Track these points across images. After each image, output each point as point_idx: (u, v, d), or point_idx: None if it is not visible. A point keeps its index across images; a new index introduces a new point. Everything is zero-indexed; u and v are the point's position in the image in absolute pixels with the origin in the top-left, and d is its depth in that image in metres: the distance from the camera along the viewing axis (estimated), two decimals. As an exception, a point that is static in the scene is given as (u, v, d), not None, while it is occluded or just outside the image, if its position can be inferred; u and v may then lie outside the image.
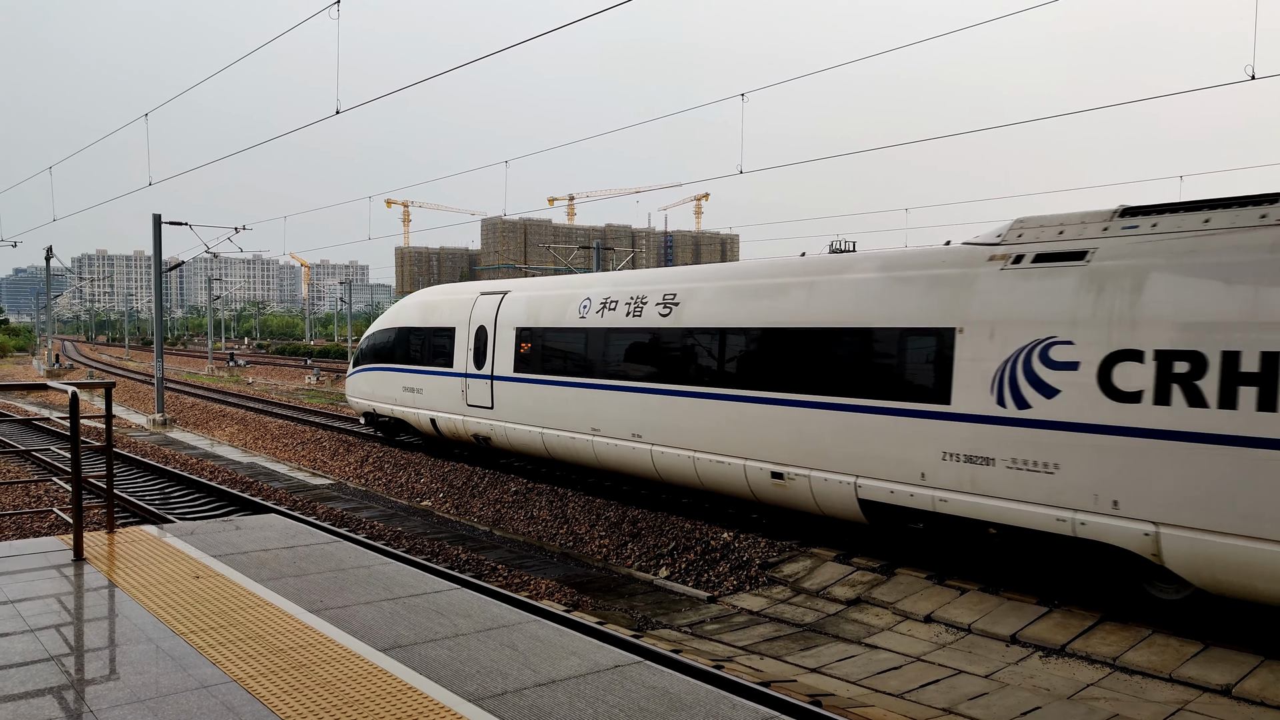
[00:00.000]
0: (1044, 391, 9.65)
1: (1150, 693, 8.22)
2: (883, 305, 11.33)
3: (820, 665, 9.22)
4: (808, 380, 11.99)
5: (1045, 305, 9.76)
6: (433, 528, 15.43)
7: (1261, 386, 8.13)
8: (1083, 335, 9.41)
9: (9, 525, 14.53)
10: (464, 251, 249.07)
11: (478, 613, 5.90)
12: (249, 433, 26.77)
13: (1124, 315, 9.15)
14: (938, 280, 10.87)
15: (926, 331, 10.77)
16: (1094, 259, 9.60)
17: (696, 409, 13.52)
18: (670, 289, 14.45)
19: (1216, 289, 8.58)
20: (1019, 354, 9.90)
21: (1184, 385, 8.64)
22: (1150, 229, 9.42)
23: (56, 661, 4.96)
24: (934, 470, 10.60)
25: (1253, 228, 8.68)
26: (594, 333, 15.44)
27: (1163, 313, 8.88)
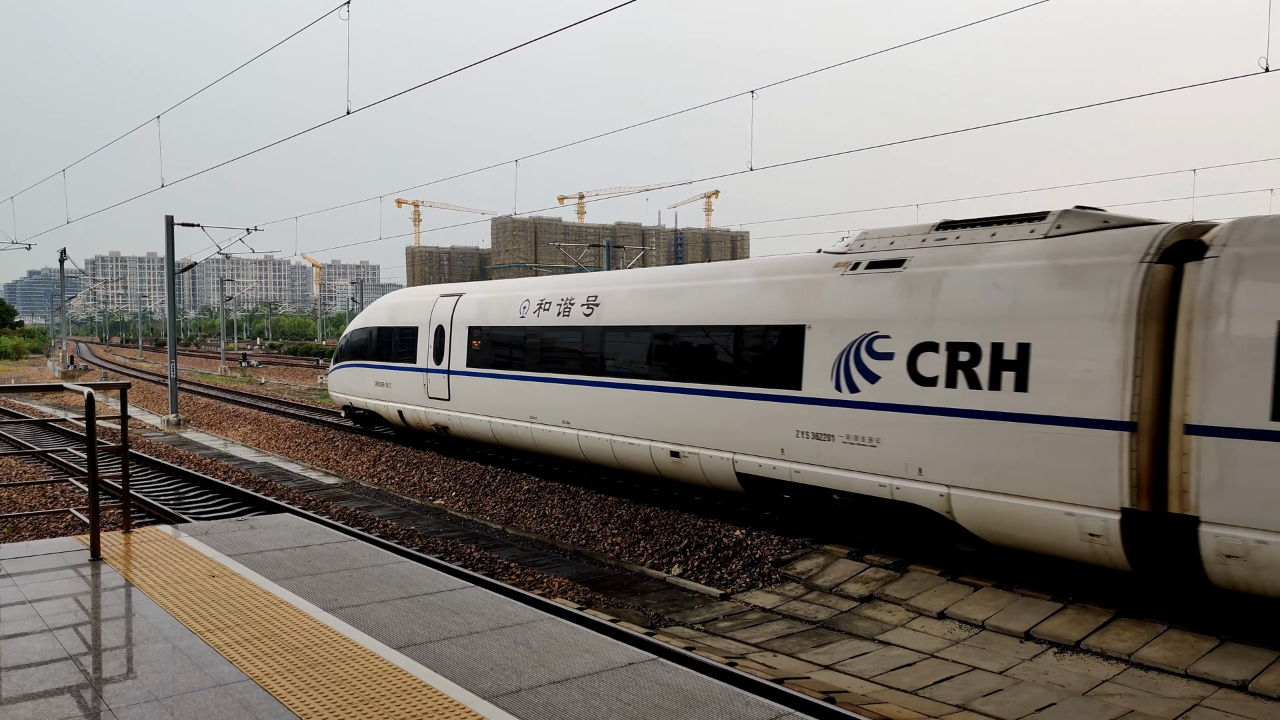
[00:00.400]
0: (869, 378, 11.45)
1: (1166, 688, 8.18)
2: (752, 306, 13.11)
3: (834, 662, 9.22)
4: (696, 371, 13.85)
5: (871, 305, 11.52)
6: (445, 526, 15.47)
7: (1018, 372, 9.95)
8: (897, 330, 11.17)
9: (26, 525, 14.64)
10: (474, 251, 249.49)
11: (491, 611, 5.92)
12: (262, 433, 26.89)
13: (925, 313, 10.89)
14: (794, 284, 12.64)
15: (783, 328, 12.57)
16: (909, 266, 11.30)
17: (612, 398, 15.31)
18: (593, 292, 16.30)
19: (988, 291, 10.36)
20: (852, 346, 11.69)
21: (965, 371, 10.46)
22: (954, 240, 11.19)
23: (74, 660, 5.00)
24: (790, 446, 12.41)
25: (1020, 240, 10.50)
26: (531, 331, 17.33)
27: (951, 311, 10.63)
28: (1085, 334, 9.45)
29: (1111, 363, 9.22)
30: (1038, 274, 10.00)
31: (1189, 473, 8.75)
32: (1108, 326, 9.30)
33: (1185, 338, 8.88)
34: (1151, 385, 9.10)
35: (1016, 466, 9.91)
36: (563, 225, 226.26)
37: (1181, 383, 8.86)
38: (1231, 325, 8.53)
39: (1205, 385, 8.66)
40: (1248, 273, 8.55)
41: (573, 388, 16.14)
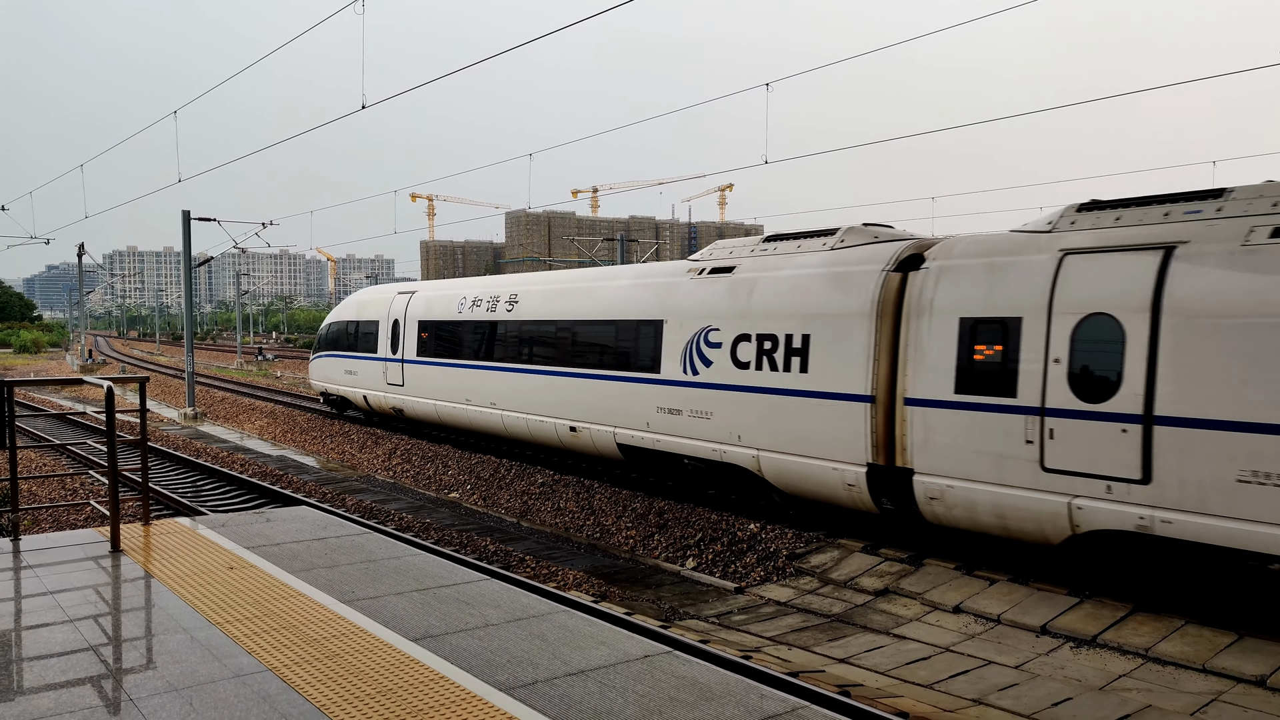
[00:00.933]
0: (705, 363, 13.87)
1: (1183, 683, 8.14)
2: (628, 304, 15.51)
3: (849, 656, 9.21)
4: (588, 359, 16.23)
5: (709, 304, 13.94)
6: (461, 519, 15.53)
7: (803, 357, 12.43)
8: (724, 324, 13.63)
9: (47, 517, 14.78)
10: (488, 245, 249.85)
11: (507, 603, 5.94)
12: (278, 426, 27.05)
13: (744, 310, 13.34)
14: (658, 285, 15.10)
15: (649, 322, 14.98)
16: (736, 272, 13.80)
17: (527, 382, 17.74)
18: (515, 291, 18.76)
19: (785, 292, 12.82)
20: (695, 337, 14.11)
21: (769, 357, 12.92)
22: (771, 251, 13.65)
23: (95, 651, 5.05)
24: (653, 420, 14.82)
25: (814, 252, 12.96)
26: (465, 324, 19.86)
27: (760, 309, 13.08)
28: (845, 327, 11.94)
29: (860, 349, 11.71)
30: (818, 279, 12.51)
31: (906, 435, 11.25)
32: (858, 321, 11.78)
33: (905, 330, 11.34)
34: (885, 367, 11.59)
35: (802, 432, 12.44)
36: (576, 219, 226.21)
37: (903, 365, 11.32)
38: (931, 321, 11.04)
39: (915, 366, 11.16)
40: (943, 280, 11.05)
41: (497, 374, 18.67)
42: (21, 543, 7.37)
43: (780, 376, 12.70)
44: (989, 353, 10.48)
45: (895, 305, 11.56)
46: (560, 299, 17.27)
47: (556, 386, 16.87)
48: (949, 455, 10.75)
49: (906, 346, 11.27)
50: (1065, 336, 9.80)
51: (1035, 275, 10.20)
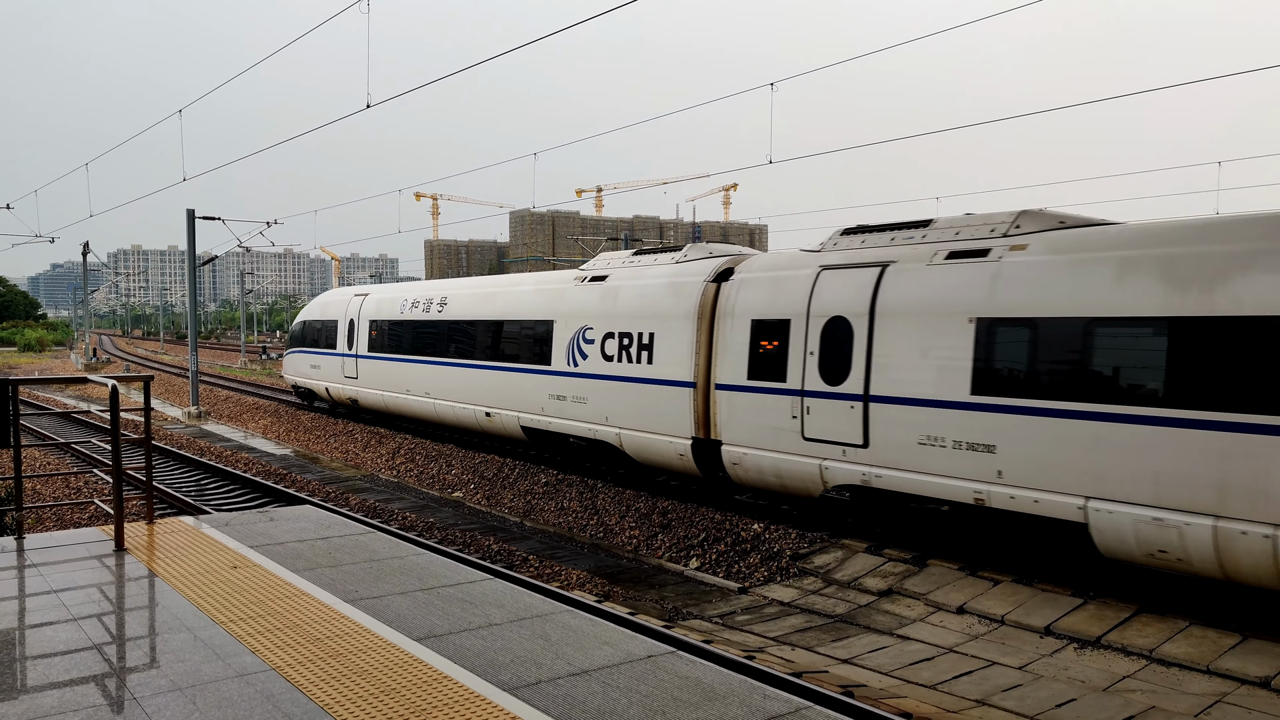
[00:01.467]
0: (583, 356, 16.33)
1: (1188, 684, 8.12)
2: (529, 306, 18.15)
3: (852, 656, 9.20)
4: (499, 353, 18.82)
5: (586, 306, 16.48)
6: (464, 519, 15.53)
7: (650, 351, 14.91)
8: (597, 324, 16.12)
9: (51, 516, 14.81)
10: (493, 244, 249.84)
11: (510, 603, 5.94)
12: (282, 425, 27.07)
13: (611, 312, 15.86)
14: (552, 290, 17.73)
15: (543, 322, 17.53)
16: (608, 280, 16.41)
17: (452, 374, 20.32)
18: (445, 294, 21.29)
19: (638, 297, 15.45)
20: (576, 334, 16.60)
21: (627, 351, 15.39)
22: (636, 263, 16.37)
23: (99, 650, 5.05)
24: (546, 405, 17.32)
25: (665, 264, 15.59)
26: (406, 323, 22.35)
27: (622, 311, 15.65)
28: (677, 327, 14.52)
29: (687, 345, 14.29)
30: (662, 288, 15.07)
31: (716, 413, 13.87)
32: (686, 322, 14.37)
33: (717, 329, 13.92)
34: (704, 359, 14.13)
35: (650, 413, 14.98)
36: (580, 218, 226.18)
37: (714, 357, 13.92)
38: (733, 321, 13.62)
39: (722, 358, 13.77)
40: (742, 289, 13.64)
41: (430, 367, 21.22)
42: (26, 541, 7.38)
43: (634, 368, 15.30)
44: (769, 347, 13.10)
45: (711, 309, 14.20)
46: (479, 301, 19.94)
47: (475, 377, 19.56)
48: (744, 429, 13.44)
49: (717, 342, 13.98)
50: (817, 334, 12.39)
51: (801, 286, 12.80)
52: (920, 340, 11.09)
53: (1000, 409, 10.31)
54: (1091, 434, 9.45)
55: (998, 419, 10.34)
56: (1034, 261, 10.29)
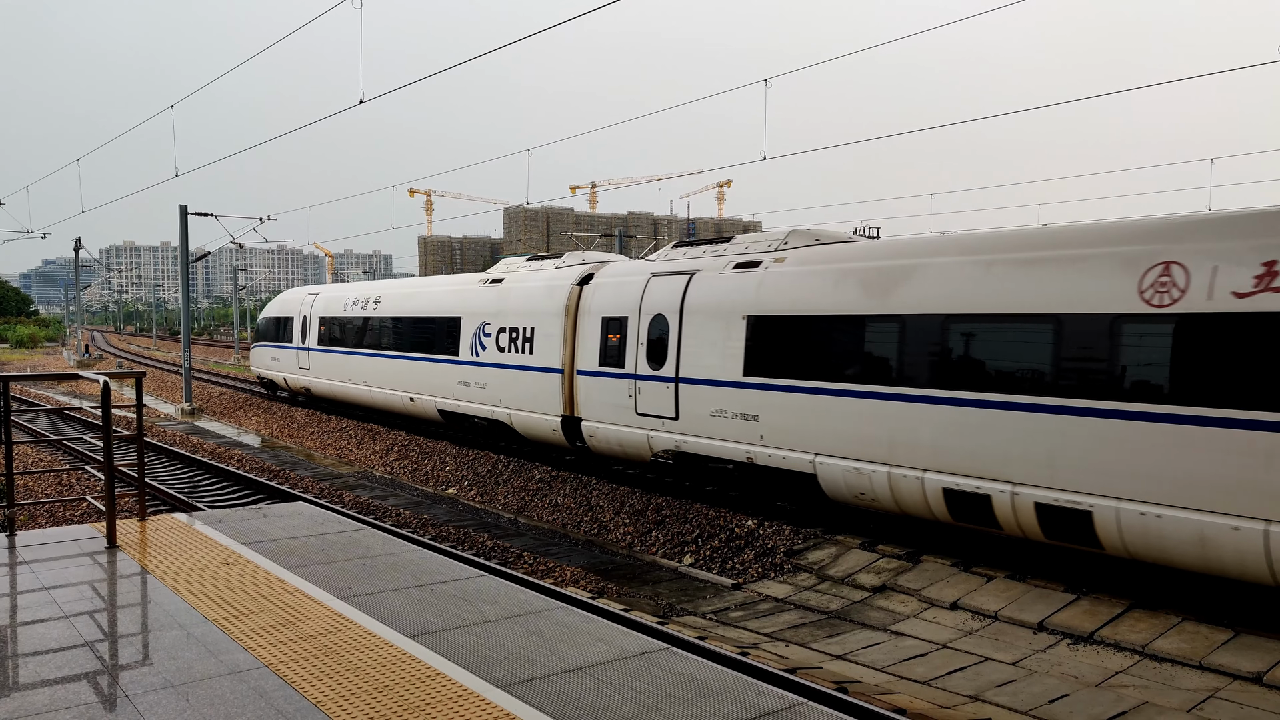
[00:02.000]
0: (483, 348, 19.21)
1: (1180, 680, 8.15)
2: (443, 304, 21.03)
3: (846, 652, 9.21)
4: (420, 346, 21.55)
5: (486, 304, 19.33)
6: (458, 515, 15.52)
7: (532, 343, 17.71)
8: (494, 320, 18.97)
9: (43, 513, 14.76)
10: (486, 240, 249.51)
11: (504, 599, 5.93)
12: (275, 421, 27.01)
13: (504, 310, 18.75)
14: (461, 291, 20.62)
15: (453, 318, 20.35)
16: (504, 282, 19.32)
17: (384, 364, 23.13)
18: (380, 293, 24.16)
19: (524, 298, 18.30)
20: (478, 329, 19.43)
21: (515, 343, 18.21)
22: (526, 268, 19.36)
23: (91, 647, 5.03)
24: (456, 391, 20.18)
25: (547, 270, 18.40)
26: (348, 319, 25.18)
27: (513, 309, 18.44)
28: (551, 323, 17.27)
29: (558, 338, 17.02)
30: (541, 290, 17.85)
31: (578, 395, 16.59)
32: (557, 319, 17.13)
33: (579, 325, 16.62)
34: (570, 350, 16.80)
35: (533, 395, 17.63)
36: (575, 215, 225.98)
37: (577, 348, 16.63)
38: (589, 318, 16.38)
39: (581, 348, 16.49)
40: (597, 291, 16.42)
41: (366, 358, 24.05)
42: (17, 538, 7.35)
43: (521, 357, 18.03)
44: (614, 339, 15.75)
45: (575, 308, 16.90)
46: (404, 300, 22.71)
47: (401, 367, 22.36)
48: (597, 407, 16.15)
49: (578, 335, 16.63)
50: (645, 328, 15.15)
51: (636, 289, 15.58)
52: (712, 333, 13.91)
53: (761, 387, 13.11)
54: (818, 405, 12.30)
55: (760, 394, 13.14)
56: (786, 271, 13.13)
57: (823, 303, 12.31)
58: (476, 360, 19.26)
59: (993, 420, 10.30)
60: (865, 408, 11.64)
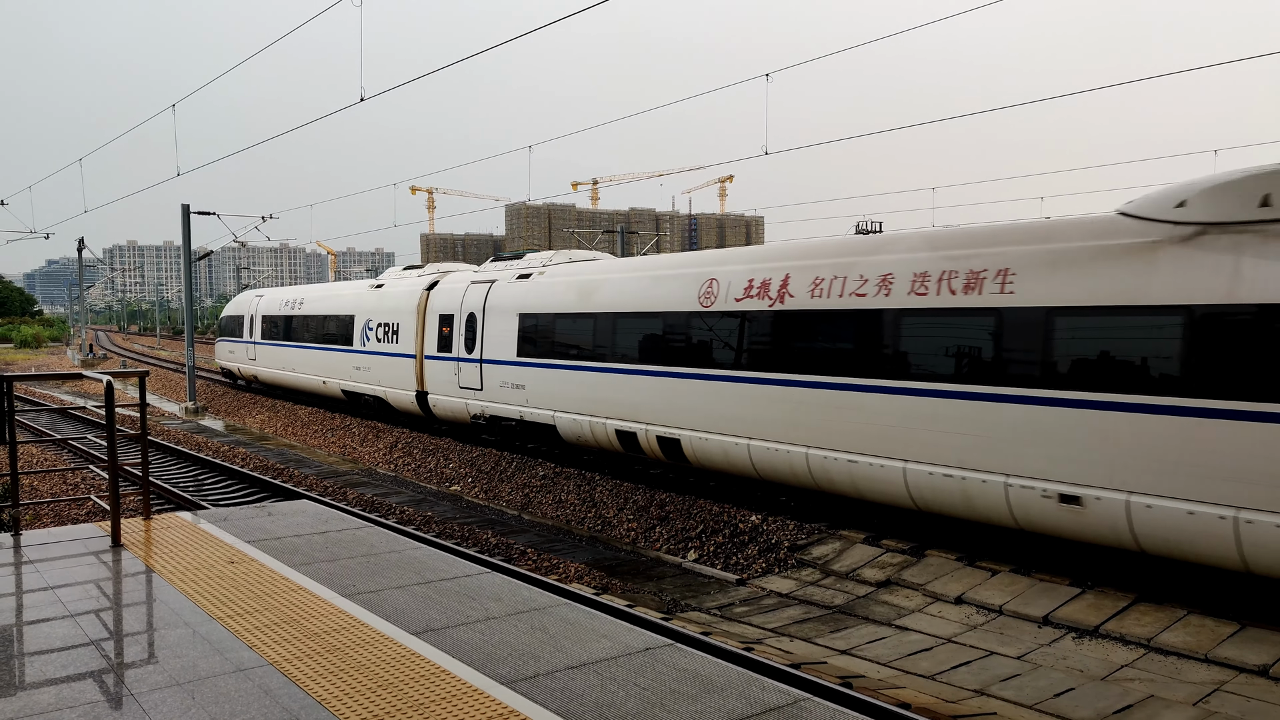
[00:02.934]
0: (368, 339, 23.91)
1: (1186, 673, 8.14)
2: (343, 304, 25.95)
3: (851, 647, 9.21)
4: (331, 339, 26.37)
5: (370, 305, 24.12)
6: (462, 512, 15.53)
7: (397, 335, 22.51)
8: (374, 317, 23.72)
9: (48, 512, 14.79)
10: (489, 237, 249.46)
11: (508, 596, 5.93)
12: (279, 420, 27.04)
13: (381, 309, 23.44)
14: (357, 295, 25.36)
15: (349, 316, 25.24)
16: (384, 287, 24.14)
17: (308, 354, 27.95)
18: (303, 296, 29.30)
19: (394, 299, 23.09)
20: (365, 324, 24.26)
21: (388, 335, 22.88)
22: (401, 276, 24.33)
23: (96, 646, 5.04)
24: (352, 375, 25.10)
25: (410, 277, 23.47)
26: (282, 317, 30.19)
27: (385, 308, 23.34)
28: (409, 319, 22.11)
29: (413, 331, 21.86)
30: (404, 293, 22.74)
31: (425, 374, 21.49)
32: (412, 316, 22.00)
33: (426, 321, 21.53)
34: (420, 340, 21.65)
35: (399, 375, 22.50)
36: (576, 211, 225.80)
37: (425, 339, 21.41)
38: (431, 316, 21.27)
39: (428, 339, 21.29)
40: (435, 295, 21.30)
41: (293, 349, 28.95)
42: (23, 538, 7.37)
43: (391, 346, 22.88)
44: (446, 331, 20.70)
45: (424, 308, 21.80)
46: (319, 301, 27.78)
47: (316, 356, 27.32)
48: (436, 383, 21.10)
49: (425, 329, 21.60)
50: (464, 323, 20.01)
51: (459, 294, 20.55)
52: (502, 325, 18.77)
53: (527, 365, 17.97)
54: (557, 377, 17.15)
55: (526, 370, 18.00)
56: (543, 282, 18.13)
57: (556, 304, 17.40)
58: (364, 350, 24.37)
59: (637, 383, 15.28)
60: (580, 377, 16.55)
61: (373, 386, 23.74)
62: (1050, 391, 9.84)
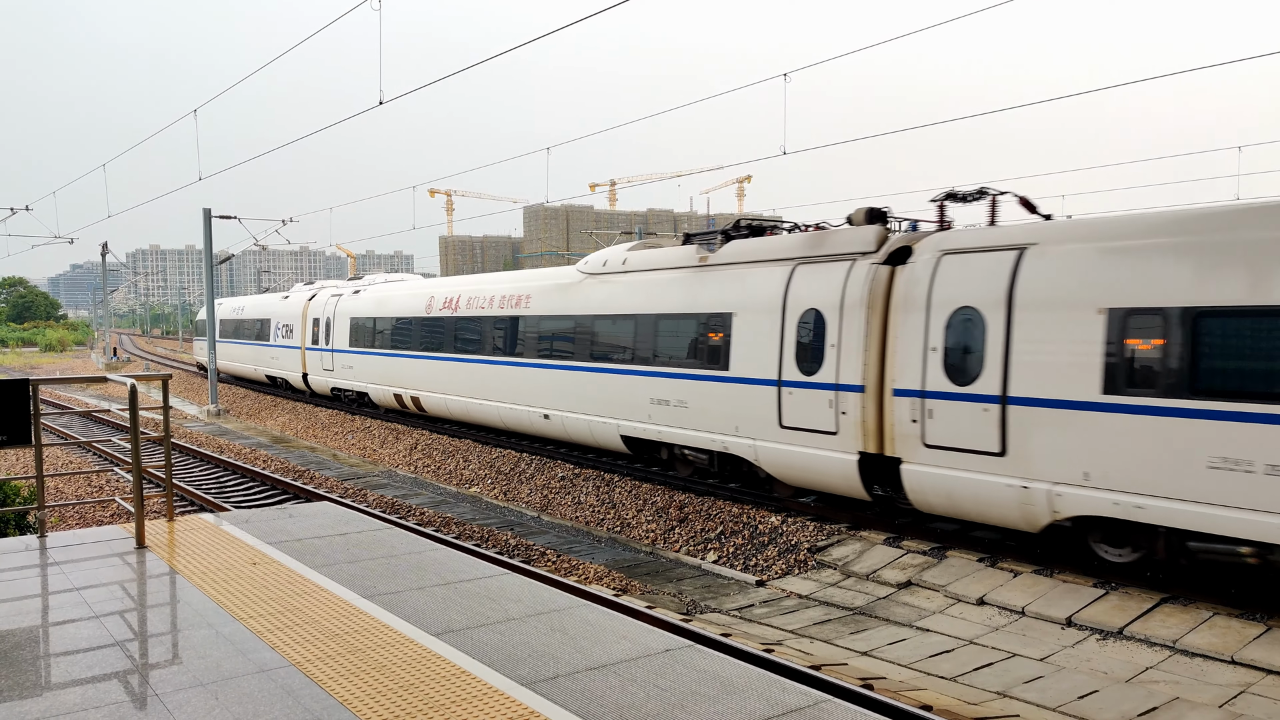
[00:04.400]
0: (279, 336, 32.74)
1: (1211, 675, 8.05)
2: (266, 310, 33.99)
3: (871, 649, 9.17)
4: (260, 335, 34.19)
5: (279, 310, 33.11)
6: (481, 513, 15.57)
7: (292, 333, 31.58)
8: (283, 320, 32.14)
9: (73, 514, 14.94)
10: (507, 239, 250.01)
11: (528, 597, 5.94)
12: (300, 422, 27.21)
13: (286, 313, 31.98)
14: (271, 302, 33.96)
15: (266, 320, 33.73)
16: (289, 298, 32.34)
17: (246, 348, 35.87)
18: (244, 304, 37.24)
19: (292, 306, 31.79)
20: (277, 325, 32.61)
21: (288, 334, 31.77)
22: (303, 290, 32.79)
23: (121, 646, 5.09)
24: (269, 363, 33.67)
25: (304, 291, 32.47)
26: (238, 320, 37.22)
27: (288, 313, 31.79)
28: (298, 320, 30.42)
29: (299, 330, 30.54)
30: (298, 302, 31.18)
31: (306, 361, 30.27)
32: (299, 318, 30.59)
33: (306, 321, 30.17)
34: (303, 336, 30.11)
35: (292, 362, 31.07)
36: (595, 212, 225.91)
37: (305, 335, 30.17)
38: (311, 318, 29.94)
39: (306, 336, 30.07)
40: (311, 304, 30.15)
41: (238, 345, 36.83)
42: (48, 539, 7.45)
43: (290, 341, 30.91)
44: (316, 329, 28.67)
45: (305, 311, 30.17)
46: (251, 309, 35.90)
47: (250, 349, 35.47)
48: (313, 369, 29.00)
49: (305, 327, 29.55)
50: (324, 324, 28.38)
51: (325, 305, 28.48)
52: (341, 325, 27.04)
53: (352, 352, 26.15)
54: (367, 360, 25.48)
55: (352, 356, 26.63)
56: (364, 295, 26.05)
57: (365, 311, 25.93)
58: (275, 344, 32.57)
59: (401, 363, 23.62)
60: (377, 360, 24.82)
61: (280, 371, 32.62)
62: None
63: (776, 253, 13.62)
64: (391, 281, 27.44)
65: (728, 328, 13.95)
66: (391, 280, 27.85)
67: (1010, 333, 10.34)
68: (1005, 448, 10.33)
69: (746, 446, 13.70)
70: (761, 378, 13.41)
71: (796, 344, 12.83)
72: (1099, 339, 9.54)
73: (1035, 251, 10.31)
